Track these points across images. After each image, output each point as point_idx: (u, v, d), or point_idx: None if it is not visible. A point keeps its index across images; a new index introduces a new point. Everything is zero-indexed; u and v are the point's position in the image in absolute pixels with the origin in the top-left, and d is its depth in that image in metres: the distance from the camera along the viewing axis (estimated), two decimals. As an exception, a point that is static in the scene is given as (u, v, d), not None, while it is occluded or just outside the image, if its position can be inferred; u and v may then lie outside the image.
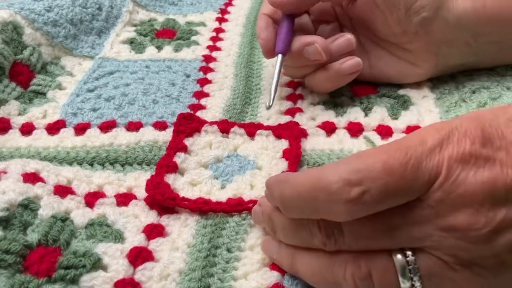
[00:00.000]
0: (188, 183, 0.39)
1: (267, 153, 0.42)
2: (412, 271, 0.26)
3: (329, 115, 0.46)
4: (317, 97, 0.49)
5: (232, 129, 0.44)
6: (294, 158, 0.40)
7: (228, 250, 0.34)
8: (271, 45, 0.46)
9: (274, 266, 0.32)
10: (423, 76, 0.48)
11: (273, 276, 0.31)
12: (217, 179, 0.40)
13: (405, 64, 0.47)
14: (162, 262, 0.33)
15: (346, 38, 0.45)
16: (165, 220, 0.36)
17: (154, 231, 0.35)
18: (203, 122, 0.45)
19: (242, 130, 0.44)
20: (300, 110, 0.48)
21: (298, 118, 0.47)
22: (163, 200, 0.36)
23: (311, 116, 0.47)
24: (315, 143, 0.43)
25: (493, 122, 0.26)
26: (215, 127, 0.44)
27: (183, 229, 0.35)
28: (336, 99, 0.48)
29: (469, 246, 0.25)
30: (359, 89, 0.49)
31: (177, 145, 0.42)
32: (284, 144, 0.43)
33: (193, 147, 0.43)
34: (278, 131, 0.44)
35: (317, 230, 0.28)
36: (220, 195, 0.38)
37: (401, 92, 0.49)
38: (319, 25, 0.50)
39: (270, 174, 0.39)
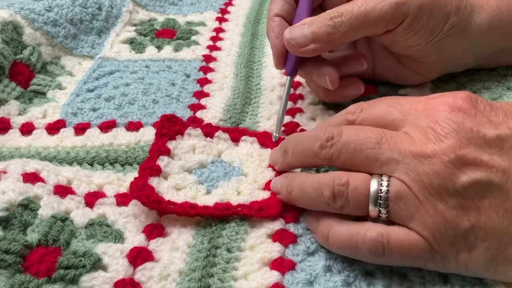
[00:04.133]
0: (172, 187, 0.38)
1: (252, 161, 0.41)
2: (382, 198, 0.30)
3: (329, 115, 0.46)
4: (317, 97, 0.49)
5: (216, 134, 0.43)
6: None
7: (228, 250, 0.34)
8: (284, 54, 0.44)
9: (274, 266, 0.32)
10: (423, 81, 0.49)
11: (273, 276, 0.31)
12: (202, 184, 0.39)
13: (409, 72, 0.47)
14: (162, 262, 0.33)
15: (358, 61, 0.44)
16: (165, 220, 0.36)
17: (154, 231, 0.35)
18: (186, 124, 0.44)
19: (226, 135, 0.43)
20: (300, 110, 0.48)
21: (298, 118, 0.46)
22: (148, 203, 0.35)
23: (311, 117, 0.47)
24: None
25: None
26: (199, 130, 0.43)
27: (183, 229, 0.35)
28: (336, 99, 0.48)
29: (433, 174, 0.28)
30: (359, 89, 0.49)
31: (160, 148, 0.41)
32: (269, 153, 0.41)
33: (176, 151, 0.42)
34: (263, 139, 0.43)
35: (322, 133, 0.33)
36: (206, 200, 0.37)
37: (401, 92, 0.48)
38: None
39: (256, 181, 0.39)
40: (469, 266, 0.29)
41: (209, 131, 0.44)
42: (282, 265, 0.32)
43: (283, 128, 0.45)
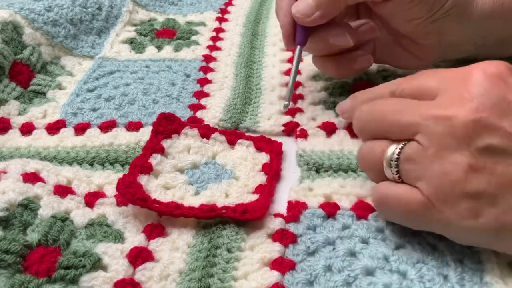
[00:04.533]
0: (161, 186, 0.38)
1: (246, 164, 0.41)
2: (393, 159, 0.31)
3: (329, 115, 0.46)
4: (317, 96, 0.49)
5: (213, 135, 0.43)
6: (274, 175, 0.39)
7: (228, 250, 0.34)
8: (292, 33, 0.44)
9: (274, 266, 0.32)
10: (422, 67, 0.48)
11: (273, 276, 0.31)
12: (191, 185, 0.39)
13: (408, 55, 0.47)
14: (162, 262, 0.33)
15: (370, 27, 0.45)
16: (165, 220, 0.36)
17: (154, 231, 0.35)
18: (184, 124, 0.44)
19: (223, 137, 0.43)
20: (300, 110, 0.48)
21: (298, 118, 0.46)
22: (133, 201, 0.35)
23: (311, 116, 0.47)
24: (315, 144, 0.43)
25: None
26: (196, 131, 0.43)
27: (183, 229, 0.35)
28: (336, 98, 0.48)
29: (450, 134, 0.29)
30: (359, 88, 0.49)
31: (154, 146, 0.41)
32: (264, 157, 0.41)
33: (171, 150, 0.42)
34: (259, 143, 0.43)
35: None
36: (193, 201, 0.37)
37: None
38: None
39: (247, 185, 0.39)
40: (475, 233, 0.29)
41: (206, 132, 0.43)
42: (282, 265, 0.32)
43: (282, 128, 0.45)
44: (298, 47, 0.44)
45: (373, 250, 0.33)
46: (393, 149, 0.32)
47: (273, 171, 0.40)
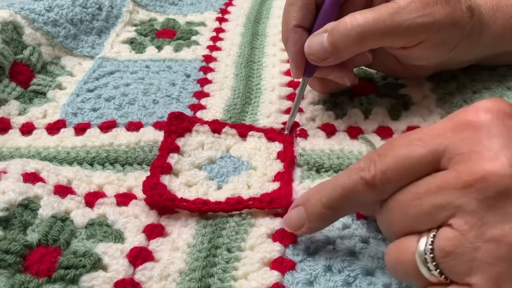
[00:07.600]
0: (184, 184, 0.39)
1: (261, 154, 0.42)
2: (428, 260, 0.24)
3: (329, 116, 0.46)
4: (317, 96, 0.49)
5: (223, 130, 0.44)
6: (290, 161, 0.40)
7: (228, 250, 0.34)
8: (303, 65, 0.42)
9: (274, 266, 0.32)
10: (416, 78, 0.49)
11: (273, 276, 0.31)
12: (212, 180, 0.39)
13: (407, 72, 0.47)
14: (162, 262, 0.33)
15: (365, 56, 0.44)
16: (165, 220, 0.36)
17: (154, 231, 0.35)
18: (194, 121, 0.44)
19: (233, 131, 0.44)
20: (300, 110, 0.47)
21: (297, 117, 0.46)
22: (161, 201, 0.36)
23: (311, 117, 0.47)
24: (316, 143, 0.43)
25: None
26: (206, 127, 0.44)
27: (183, 229, 0.35)
28: (336, 99, 0.48)
29: (485, 204, 0.23)
30: (359, 89, 0.49)
31: (169, 146, 0.41)
32: (277, 146, 0.42)
33: (185, 148, 0.42)
34: (270, 135, 0.43)
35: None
36: (217, 196, 0.38)
37: (402, 91, 0.48)
38: None
39: (266, 174, 0.39)
40: None
41: (216, 127, 0.44)
42: (282, 265, 0.32)
43: (282, 126, 0.46)
44: (305, 79, 0.44)
45: (373, 250, 0.33)
46: (423, 243, 0.25)
47: (288, 157, 0.40)
